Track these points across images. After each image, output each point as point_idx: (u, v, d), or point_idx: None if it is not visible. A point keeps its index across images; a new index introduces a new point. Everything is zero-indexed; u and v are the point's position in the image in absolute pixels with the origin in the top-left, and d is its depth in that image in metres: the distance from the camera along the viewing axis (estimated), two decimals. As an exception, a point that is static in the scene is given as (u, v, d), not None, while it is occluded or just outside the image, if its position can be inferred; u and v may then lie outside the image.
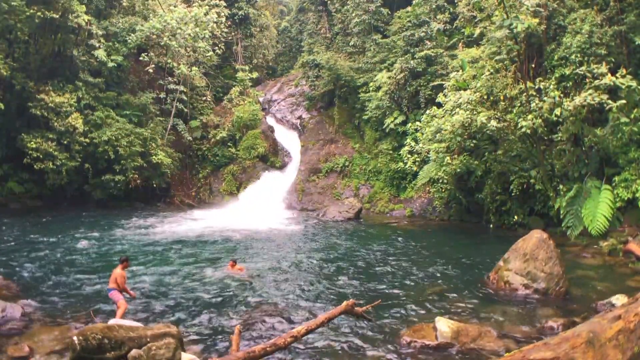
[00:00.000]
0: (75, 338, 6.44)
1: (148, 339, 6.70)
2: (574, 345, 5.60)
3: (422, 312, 10.34)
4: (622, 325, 5.83)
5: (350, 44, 34.36)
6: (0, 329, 8.75)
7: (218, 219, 23.99)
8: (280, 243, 18.80)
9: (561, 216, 17.49)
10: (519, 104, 18.34)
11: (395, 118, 28.24)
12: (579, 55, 16.92)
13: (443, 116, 20.90)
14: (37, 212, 24.16)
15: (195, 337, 8.80)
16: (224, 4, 35.88)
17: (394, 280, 13.06)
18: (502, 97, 18.85)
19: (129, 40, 29.34)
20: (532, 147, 19.04)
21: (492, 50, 19.75)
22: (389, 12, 32.70)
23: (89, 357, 6.35)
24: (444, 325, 8.60)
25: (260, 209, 27.28)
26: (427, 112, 23.29)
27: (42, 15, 23.22)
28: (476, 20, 23.06)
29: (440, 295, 11.52)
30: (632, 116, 15.53)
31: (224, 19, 34.97)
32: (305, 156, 32.39)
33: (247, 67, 39.01)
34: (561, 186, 17.93)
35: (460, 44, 26.78)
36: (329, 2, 38.68)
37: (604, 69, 15.88)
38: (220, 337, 8.86)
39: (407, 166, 25.27)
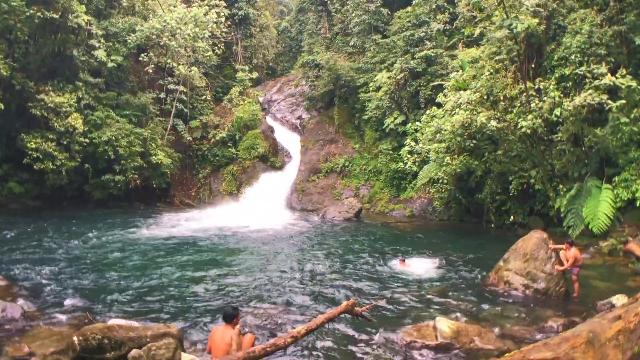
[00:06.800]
0: (75, 338, 6.43)
1: (148, 339, 6.69)
2: (574, 345, 5.60)
3: (422, 312, 10.34)
4: (622, 325, 5.84)
5: (350, 44, 34.35)
6: (0, 329, 8.74)
7: (218, 219, 23.98)
8: (280, 243, 18.80)
9: (562, 215, 17.49)
10: (519, 104, 18.34)
11: (395, 118, 28.23)
12: (578, 55, 16.91)
13: (443, 116, 20.90)
14: (37, 212, 24.15)
15: (195, 337, 8.80)
16: (224, 4, 35.85)
17: (394, 280, 13.06)
18: (502, 97, 18.85)
19: (129, 41, 29.34)
20: (532, 147, 19.04)
21: (492, 51, 19.74)
22: (389, 12, 32.68)
23: (89, 357, 6.35)
24: (444, 325, 8.60)
25: (260, 209, 27.27)
26: (427, 112, 23.29)
27: (42, 15, 23.21)
28: (476, 20, 23.05)
29: (440, 295, 11.53)
30: (632, 116, 15.52)
31: (223, 19, 34.95)
32: (305, 156, 32.38)
33: (247, 67, 38.99)
34: (561, 186, 17.94)
35: (460, 44, 26.79)
36: (329, 2, 38.68)
37: (603, 69, 15.87)
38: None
39: (407, 166, 25.26)
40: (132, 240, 18.18)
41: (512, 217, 20.32)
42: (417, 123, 24.60)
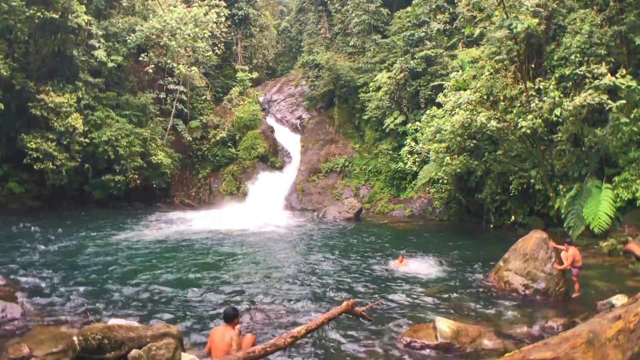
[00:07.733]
0: (75, 338, 6.42)
1: (148, 339, 6.68)
2: (574, 345, 5.60)
3: (422, 312, 10.34)
4: (622, 325, 5.83)
5: (350, 44, 34.37)
6: (0, 329, 8.74)
7: (218, 219, 23.96)
8: (280, 243, 18.79)
9: (562, 216, 17.49)
10: (519, 104, 18.35)
11: (395, 118, 28.24)
12: (578, 55, 16.92)
13: (443, 116, 20.90)
14: (37, 212, 24.14)
15: (196, 337, 8.80)
16: (224, 4, 35.85)
17: (394, 280, 13.06)
18: (502, 97, 18.85)
19: (129, 41, 29.33)
20: (532, 147, 19.04)
21: (492, 51, 19.74)
22: (389, 12, 32.71)
23: (89, 357, 6.33)
24: (444, 325, 8.60)
25: (260, 209, 27.27)
26: (427, 112, 23.30)
27: (42, 15, 23.21)
28: (476, 20, 23.06)
29: (440, 295, 11.52)
30: (632, 116, 15.54)
31: (223, 19, 34.96)
32: (305, 156, 32.38)
33: (247, 67, 39.01)
34: (561, 186, 17.94)
35: (460, 44, 26.78)
36: (329, 2, 38.71)
37: (603, 69, 15.88)
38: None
39: (407, 166, 25.27)
40: (132, 240, 18.17)
41: (512, 217, 20.34)
42: (417, 123, 24.61)
